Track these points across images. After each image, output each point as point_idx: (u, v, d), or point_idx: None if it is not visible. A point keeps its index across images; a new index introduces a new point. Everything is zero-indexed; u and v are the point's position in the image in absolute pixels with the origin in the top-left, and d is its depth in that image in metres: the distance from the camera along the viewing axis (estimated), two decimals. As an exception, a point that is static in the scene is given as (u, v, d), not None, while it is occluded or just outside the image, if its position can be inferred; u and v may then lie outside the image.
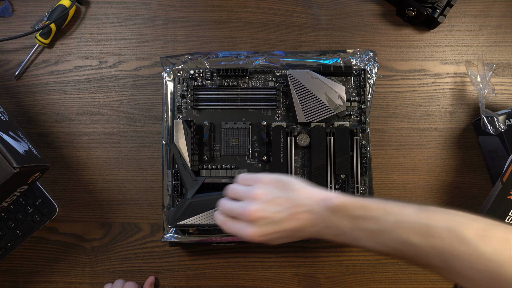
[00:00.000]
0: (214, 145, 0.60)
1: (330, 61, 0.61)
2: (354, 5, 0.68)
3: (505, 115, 0.60)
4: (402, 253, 0.39)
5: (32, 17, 0.67)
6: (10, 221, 0.61)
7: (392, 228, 0.39)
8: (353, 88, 0.61)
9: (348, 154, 0.58)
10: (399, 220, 0.39)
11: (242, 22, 0.67)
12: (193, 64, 0.62)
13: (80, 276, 0.63)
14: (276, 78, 0.61)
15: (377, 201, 0.41)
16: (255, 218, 0.43)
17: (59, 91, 0.66)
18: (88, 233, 0.64)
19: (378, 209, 0.40)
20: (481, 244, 0.36)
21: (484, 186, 0.65)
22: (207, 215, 0.54)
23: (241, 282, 0.63)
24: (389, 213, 0.40)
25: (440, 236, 0.37)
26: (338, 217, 0.42)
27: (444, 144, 0.65)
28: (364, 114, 0.60)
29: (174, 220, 0.55)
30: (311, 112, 0.58)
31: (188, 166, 0.57)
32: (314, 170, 0.58)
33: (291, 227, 0.43)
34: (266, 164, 0.60)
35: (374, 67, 0.62)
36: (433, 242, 0.37)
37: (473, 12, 0.68)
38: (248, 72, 0.60)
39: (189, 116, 0.61)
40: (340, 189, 0.59)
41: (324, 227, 0.42)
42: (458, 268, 0.36)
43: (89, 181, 0.64)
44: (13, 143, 0.51)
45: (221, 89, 0.61)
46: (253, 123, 0.60)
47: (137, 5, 0.67)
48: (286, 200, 0.43)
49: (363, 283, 0.63)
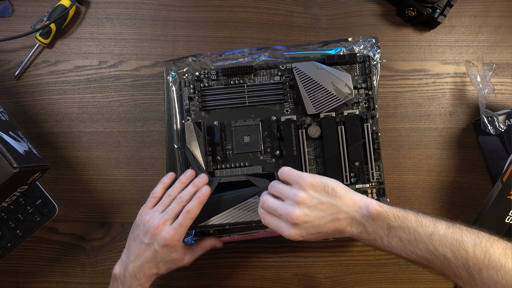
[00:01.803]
0: (226, 144, 0.60)
1: (333, 51, 0.62)
2: (354, 5, 0.68)
3: (505, 115, 0.60)
4: (432, 263, 0.44)
5: (32, 17, 0.67)
6: (10, 221, 0.61)
7: (426, 240, 0.43)
8: (359, 75, 0.61)
9: (360, 141, 0.58)
10: (433, 232, 0.43)
11: (242, 22, 0.67)
12: (197, 65, 0.62)
13: (80, 276, 0.63)
14: (282, 72, 0.61)
15: (413, 213, 0.45)
16: (298, 222, 0.45)
17: (59, 91, 0.66)
18: (88, 233, 0.64)
19: (414, 221, 0.44)
20: (507, 261, 0.41)
21: (484, 186, 0.64)
22: (226, 214, 0.54)
23: (241, 282, 0.63)
24: (424, 225, 0.44)
25: (470, 251, 0.42)
26: (377, 224, 0.45)
27: (444, 144, 0.65)
28: (372, 100, 0.60)
29: (194, 222, 0.54)
30: (320, 103, 0.58)
31: (203, 168, 0.57)
32: (328, 160, 0.58)
33: (331, 230, 0.46)
34: (280, 159, 0.60)
35: (377, 52, 0.62)
36: (463, 256, 0.42)
37: (473, 12, 0.68)
38: (253, 69, 0.60)
39: (198, 118, 0.61)
40: (356, 176, 0.59)
41: (363, 232, 0.45)
42: (484, 280, 0.41)
43: (89, 181, 0.64)
44: (13, 143, 0.51)
45: (228, 88, 0.61)
46: (262, 119, 0.60)
47: (137, 5, 0.67)
48: (330, 206, 0.46)
49: (363, 283, 0.63)
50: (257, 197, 0.54)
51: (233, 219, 0.54)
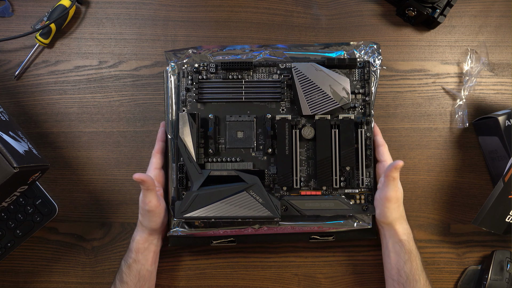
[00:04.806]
0: (219, 138, 0.60)
1: (334, 54, 0.62)
2: (354, 5, 0.68)
3: (505, 115, 0.60)
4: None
5: (32, 17, 0.67)
6: (10, 221, 0.61)
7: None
8: (358, 81, 0.61)
9: (353, 146, 0.58)
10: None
11: (242, 22, 0.67)
12: (197, 58, 0.62)
13: (80, 276, 0.63)
14: (281, 71, 0.61)
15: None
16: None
17: (59, 91, 0.66)
18: (88, 233, 0.64)
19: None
20: None
21: (484, 186, 0.65)
22: (213, 208, 0.55)
23: (241, 282, 0.63)
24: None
25: None
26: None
27: (444, 144, 0.65)
28: (368, 106, 0.60)
29: (180, 213, 0.55)
30: (316, 105, 0.58)
31: (193, 159, 0.57)
32: (319, 162, 0.58)
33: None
34: (271, 157, 0.60)
35: (378, 59, 0.62)
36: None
37: (473, 12, 0.68)
38: (252, 65, 0.60)
39: (193, 109, 0.61)
40: (346, 181, 0.59)
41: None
42: None
43: (89, 181, 0.64)
44: (13, 143, 0.51)
45: (226, 82, 0.60)
46: (257, 116, 0.60)
47: (137, 5, 0.67)
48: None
49: (363, 283, 0.63)
50: (245, 193, 0.55)
51: (220, 213, 0.54)
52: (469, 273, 0.63)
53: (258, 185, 0.55)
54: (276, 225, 0.59)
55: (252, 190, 0.55)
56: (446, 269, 0.64)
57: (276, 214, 0.55)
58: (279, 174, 0.58)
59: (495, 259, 0.61)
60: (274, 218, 0.55)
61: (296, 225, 0.59)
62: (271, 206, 0.55)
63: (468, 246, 0.64)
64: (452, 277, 0.64)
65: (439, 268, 0.64)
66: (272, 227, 0.59)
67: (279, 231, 0.59)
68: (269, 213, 0.54)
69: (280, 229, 0.59)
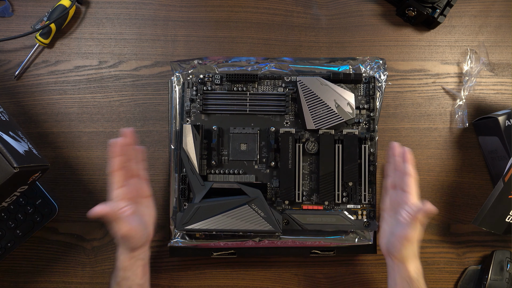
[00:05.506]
0: (222, 150, 0.60)
1: (340, 68, 0.61)
2: (354, 5, 0.68)
3: (505, 115, 0.60)
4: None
5: (32, 17, 0.67)
6: (10, 221, 0.61)
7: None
8: (363, 96, 0.61)
9: (356, 161, 0.58)
10: None
11: (242, 22, 0.67)
12: (202, 69, 0.61)
13: (80, 276, 0.63)
14: (286, 84, 0.61)
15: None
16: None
17: (59, 91, 0.66)
18: (88, 233, 0.64)
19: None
20: None
21: (484, 186, 0.65)
22: (214, 220, 0.54)
23: (241, 282, 0.63)
24: None
25: None
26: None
27: (444, 144, 0.65)
28: (373, 122, 0.60)
29: (182, 225, 0.55)
30: (320, 119, 0.58)
31: (196, 171, 0.57)
32: (322, 177, 0.58)
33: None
34: (274, 170, 0.60)
35: (383, 74, 0.62)
36: None
37: (473, 12, 0.68)
38: (257, 78, 0.60)
39: (197, 120, 0.61)
40: (348, 196, 0.59)
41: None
42: None
43: (89, 181, 0.64)
44: (13, 143, 0.51)
45: (230, 94, 0.60)
46: (261, 129, 0.60)
47: (137, 5, 0.67)
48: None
49: (363, 283, 0.63)
50: (247, 207, 0.55)
51: (221, 225, 0.54)
52: (469, 273, 0.63)
53: (260, 199, 0.55)
54: (277, 239, 0.59)
55: (254, 203, 0.55)
56: (446, 269, 0.64)
57: (277, 229, 0.55)
58: (282, 187, 0.58)
59: (495, 259, 0.62)
60: (276, 232, 0.55)
61: (297, 239, 0.59)
62: (272, 220, 0.55)
63: (468, 246, 0.64)
64: (452, 277, 0.64)
65: (439, 268, 0.64)
66: (273, 241, 0.59)
67: (280, 244, 0.59)
68: (271, 227, 0.55)
69: (281, 243, 0.59)
